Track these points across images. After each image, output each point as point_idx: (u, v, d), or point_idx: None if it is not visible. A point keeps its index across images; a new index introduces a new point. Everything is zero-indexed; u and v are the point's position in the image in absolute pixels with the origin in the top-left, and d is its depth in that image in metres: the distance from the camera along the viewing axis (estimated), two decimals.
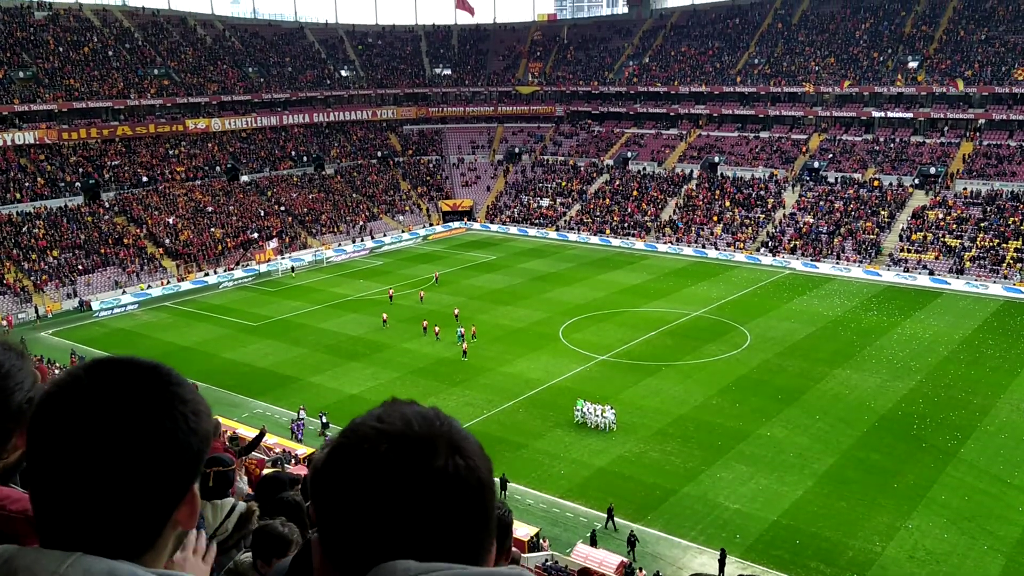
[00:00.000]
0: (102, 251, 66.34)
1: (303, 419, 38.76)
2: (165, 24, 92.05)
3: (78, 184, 72.60)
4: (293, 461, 31.21)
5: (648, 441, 36.10)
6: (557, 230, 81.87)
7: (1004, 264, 60.99)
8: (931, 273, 62.21)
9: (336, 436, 1.42)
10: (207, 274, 67.57)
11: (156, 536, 1.40)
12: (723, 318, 53.45)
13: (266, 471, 18.51)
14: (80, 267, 63.85)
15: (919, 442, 35.47)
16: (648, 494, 31.83)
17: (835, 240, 68.97)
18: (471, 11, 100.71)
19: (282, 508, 4.33)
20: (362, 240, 79.76)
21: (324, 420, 38.27)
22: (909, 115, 79.52)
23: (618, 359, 46.50)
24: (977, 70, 77.31)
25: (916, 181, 73.28)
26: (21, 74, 76.12)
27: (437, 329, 51.12)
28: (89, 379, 1.39)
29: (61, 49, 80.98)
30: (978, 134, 76.35)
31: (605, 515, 29.83)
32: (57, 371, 40.02)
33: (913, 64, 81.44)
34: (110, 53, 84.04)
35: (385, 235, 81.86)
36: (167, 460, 1.37)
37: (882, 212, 70.65)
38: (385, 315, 55.24)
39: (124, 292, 62.58)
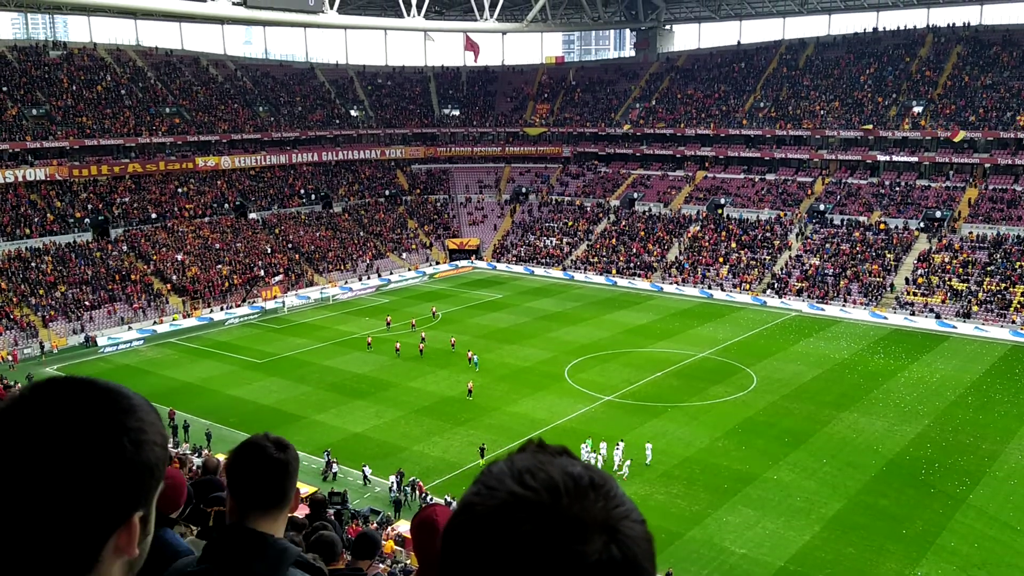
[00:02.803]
0: (109, 287, 66.62)
1: None
2: (178, 63, 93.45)
3: (87, 220, 73.19)
4: None
5: (653, 483, 35.76)
6: (563, 269, 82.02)
7: (1011, 308, 60.79)
8: (938, 316, 62.01)
9: (471, 488, 1.23)
10: (213, 310, 67.69)
11: (93, 561, 1.39)
12: (729, 359, 53.24)
13: None
14: (87, 303, 64.08)
15: (928, 487, 35.06)
16: (654, 537, 31.37)
17: (841, 282, 68.91)
18: (476, 52, 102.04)
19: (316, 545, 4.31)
20: (368, 278, 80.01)
21: (328, 459, 38.03)
22: (914, 159, 79.89)
23: (623, 400, 46.27)
24: (982, 115, 77.81)
25: (922, 225, 73.39)
26: (34, 111, 77.17)
27: (421, 347, 55.55)
28: (32, 399, 1.39)
29: (74, 87, 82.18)
30: (983, 178, 76.61)
31: None
32: None
33: (918, 109, 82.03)
34: (123, 91, 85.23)
35: (392, 273, 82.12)
36: (100, 485, 1.35)
37: (888, 255, 70.67)
38: (370, 338, 57.59)
39: (130, 328, 62.72)
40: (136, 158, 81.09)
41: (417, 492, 34.71)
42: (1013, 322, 59.53)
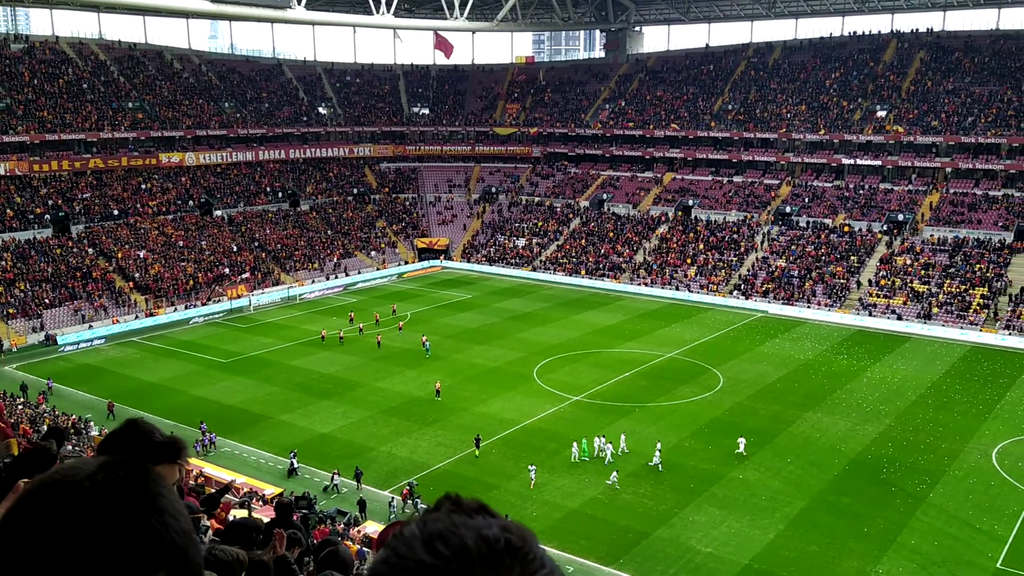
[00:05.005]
0: (70, 284, 65.43)
1: (209, 436, 40.33)
2: (141, 58, 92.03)
3: (47, 216, 71.81)
4: (260, 502, 30.68)
5: (621, 483, 35.87)
6: (533, 270, 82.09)
7: (970, 310, 61.94)
8: (899, 318, 63.00)
9: (381, 552, 1.17)
10: (176, 309, 66.80)
11: None
12: (696, 360, 53.64)
13: (234, 513, 18.13)
14: (47, 300, 62.88)
15: (889, 486, 35.61)
16: (621, 537, 31.57)
17: (806, 284, 69.75)
18: (447, 51, 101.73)
19: (250, 569, 4.20)
20: (336, 277, 79.44)
21: (294, 461, 37.67)
22: (878, 163, 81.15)
23: (592, 400, 46.41)
24: (944, 120, 79.23)
25: (885, 227, 74.53)
26: None
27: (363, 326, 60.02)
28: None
29: (36, 81, 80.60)
30: (945, 182, 78.02)
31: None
32: (20, 406, 39.15)
33: (881, 113, 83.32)
34: (85, 86, 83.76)
35: (360, 272, 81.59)
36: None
37: (852, 257, 71.66)
38: (324, 331, 59.01)
39: (91, 326, 61.64)
40: (98, 153, 79.72)
41: (412, 502, 33.77)
42: (972, 324, 60.65)
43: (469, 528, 1.13)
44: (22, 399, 43.37)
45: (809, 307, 66.86)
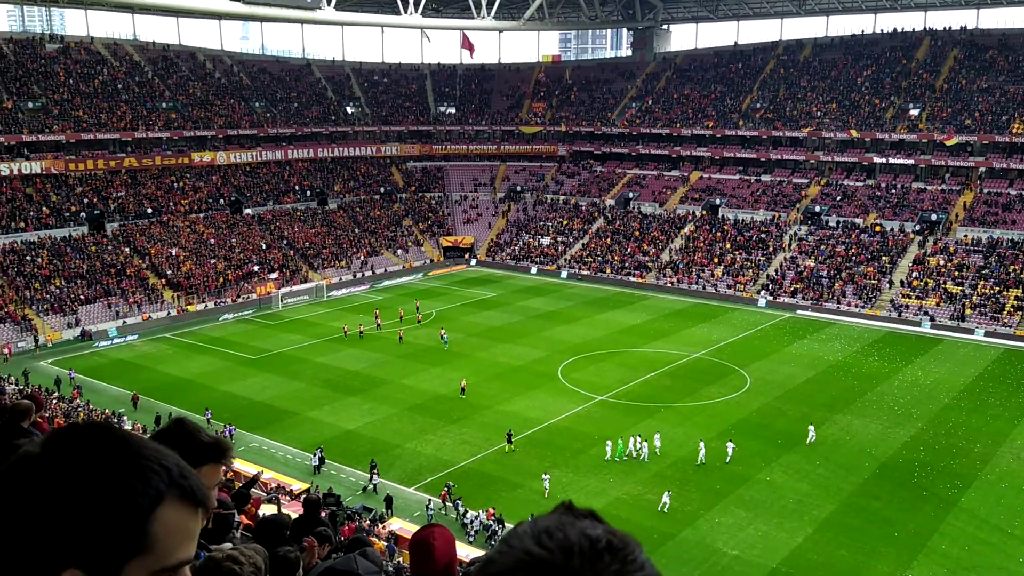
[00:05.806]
0: (104, 281, 66.45)
1: (228, 428, 41.40)
2: (175, 58, 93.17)
3: (83, 214, 72.99)
4: (289, 497, 31.00)
5: (646, 483, 35.81)
6: (557, 268, 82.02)
7: (1004, 312, 60.98)
8: (932, 319, 62.17)
9: (495, 547, 1.29)
10: (206, 305, 67.60)
11: None
12: (723, 360, 53.31)
13: (264, 509, 18.34)
14: (82, 297, 63.92)
15: (920, 490, 35.18)
16: (645, 538, 31.44)
17: (836, 284, 69.03)
18: (470, 50, 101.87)
19: (276, 564, 4.28)
20: (363, 275, 79.95)
21: (321, 456, 37.99)
22: (910, 162, 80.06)
23: (617, 400, 46.31)
24: (977, 119, 78.00)
25: (917, 227, 73.56)
26: (30, 105, 76.89)
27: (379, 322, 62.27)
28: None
29: (71, 81, 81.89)
30: (979, 182, 76.83)
31: None
32: (55, 400, 39.85)
33: (914, 111, 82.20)
34: (119, 86, 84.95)
35: (386, 270, 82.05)
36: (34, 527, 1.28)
37: (883, 258, 70.81)
38: (346, 326, 60.34)
39: (124, 322, 62.60)
40: (132, 152, 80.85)
41: (453, 505, 33.79)
42: (1006, 326, 59.70)
43: (575, 527, 1.24)
44: (56, 394, 44.17)
45: (839, 308, 66.16)
